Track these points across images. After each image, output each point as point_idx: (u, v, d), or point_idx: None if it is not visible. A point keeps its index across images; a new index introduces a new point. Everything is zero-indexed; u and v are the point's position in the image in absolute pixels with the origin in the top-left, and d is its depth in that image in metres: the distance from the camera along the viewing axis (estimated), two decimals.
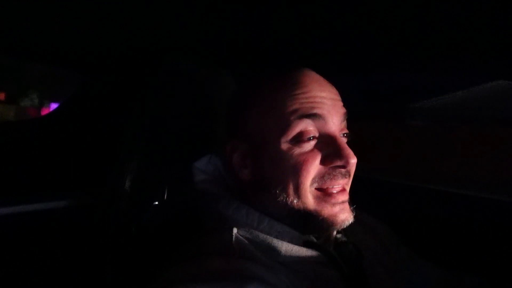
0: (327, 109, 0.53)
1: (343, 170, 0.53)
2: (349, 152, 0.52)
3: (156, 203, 0.70)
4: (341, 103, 0.56)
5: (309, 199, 0.52)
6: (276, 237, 0.52)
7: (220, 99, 0.72)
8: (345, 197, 0.54)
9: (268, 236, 0.52)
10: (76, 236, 0.85)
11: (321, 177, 0.52)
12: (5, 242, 0.84)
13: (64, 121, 1.12)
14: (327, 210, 0.52)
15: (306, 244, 0.53)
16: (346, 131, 0.56)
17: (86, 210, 0.90)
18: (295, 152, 0.52)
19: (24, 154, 1.03)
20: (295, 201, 0.52)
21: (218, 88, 0.79)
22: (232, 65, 0.81)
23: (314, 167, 0.52)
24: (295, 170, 0.52)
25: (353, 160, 0.52)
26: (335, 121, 0.54)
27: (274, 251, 0.51)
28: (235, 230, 0.52)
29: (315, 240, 0.55)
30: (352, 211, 0.55)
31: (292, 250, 0.52)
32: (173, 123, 0.73)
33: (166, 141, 0.73)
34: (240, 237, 0.52)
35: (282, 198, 0.53)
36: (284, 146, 0.52)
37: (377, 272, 0.59)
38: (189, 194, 0.64)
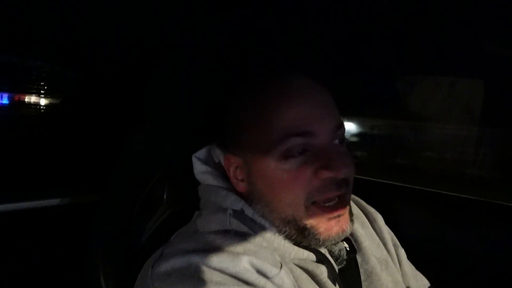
0: (316, 124, 0.51)
1: (336, 180, 0.51)
2: (340, 162, 0.50)
3: (155, 201, 0.70)
4: (333, 112, 0.54)
5: (305, 214, 0.51)
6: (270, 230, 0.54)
7: (218, 99, 0.71)
8: (342, 209, 0.53)
9: (262, 227, 0.54)
10: (75, 233, 0.85)
11: (316, 190, 0.51)
12: (4, 239, 0.84)
13: (63, 119, 1.12)
14: (323, 225, 0.52)
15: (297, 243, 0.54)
16: (342, 137, 0.54)
17: (85, 208, 0.90)
18: (286, 168, 0.51)
19: (23, 151, 1.03)
20: (290, 215, 0.52)
21: (217, 87, 0.78)
22: (229, 66, 0.81)
23: (306, 183, 0.50)
24: (287, 187, 0.51)
25: (345, 169, 0.50)
26: (325, 134, 0.51)
27: (268, 240, 0.53)
28: (230, 211, 0.54)
29: None
30: (352, 221, 0.55)
31: (284, 245, 0.53)
32: (173, 122, 0.73)
33: (166, 139, 0.73)
34: (235, 219, 0.54)
35: (277, 212, 0.53)
36: (274, 162, 0.51)
37: (371, 264, 0.59)
38: (189, 192, 0.64)
